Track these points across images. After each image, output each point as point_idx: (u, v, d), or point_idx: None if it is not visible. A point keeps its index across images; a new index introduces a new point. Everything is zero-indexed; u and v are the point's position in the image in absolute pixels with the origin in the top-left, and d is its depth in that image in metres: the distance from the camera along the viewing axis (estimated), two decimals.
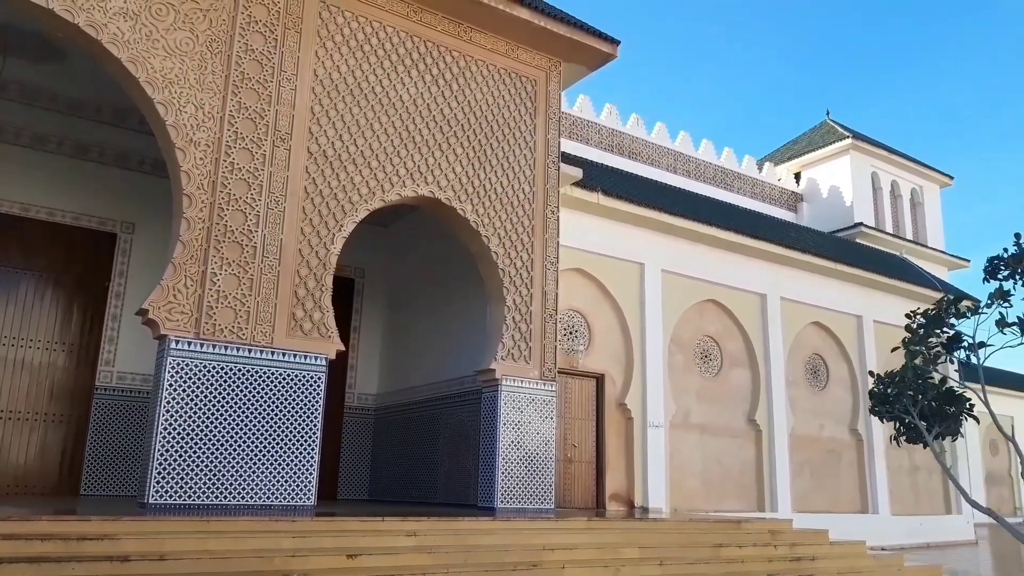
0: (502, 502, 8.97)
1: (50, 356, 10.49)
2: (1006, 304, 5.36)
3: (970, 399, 5.78)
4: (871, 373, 6.02)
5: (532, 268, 9.79)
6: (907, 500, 15.96)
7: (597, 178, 12.82)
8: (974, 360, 5.57)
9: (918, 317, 5.74)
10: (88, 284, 10.83)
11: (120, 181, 10.90)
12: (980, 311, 5.53)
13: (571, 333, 11.80)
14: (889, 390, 5.64)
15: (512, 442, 9.21)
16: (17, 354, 10.27)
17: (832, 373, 15.31)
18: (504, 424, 9.17)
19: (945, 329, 5.63)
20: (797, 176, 20.91)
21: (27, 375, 10.29)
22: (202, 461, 7.29)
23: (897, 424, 5.76)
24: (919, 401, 5.51)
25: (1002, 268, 5.51)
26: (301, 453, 7.79)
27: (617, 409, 12.17)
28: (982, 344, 5.68)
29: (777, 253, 14.40)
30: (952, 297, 5.79)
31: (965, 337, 5.60)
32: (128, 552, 5.50)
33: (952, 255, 21.27)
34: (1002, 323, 5.40)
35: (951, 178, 22.35)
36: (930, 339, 5.67)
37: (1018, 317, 5.36)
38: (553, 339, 9.78)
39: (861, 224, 19.32)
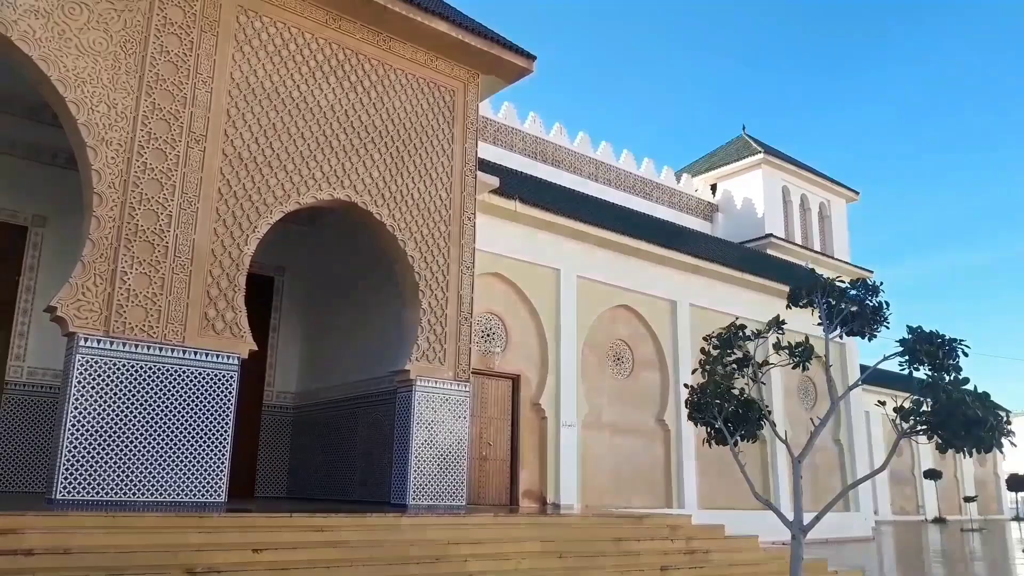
0: (414, 499, 9.25)
1: None
2: (780, 331, 6.22)
3: (766, 407, 6.51)
4: (685, 385, 6.67)
5: (448, 272, 10.09)
6: (806, 497, 16.84)
7: (517, 185, 13.23)
8: (760, 375, 6.42)
9: (713, 340, 6.49)
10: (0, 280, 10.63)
11: (32, 174, 10.73)
12: (761, 335, 6.37)
13: (488, 335, 12.16)
14: (699, 399, 6.30)
15: (425, 441, 9.49)
16: None
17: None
18: (418, 423, 9.45)
19: (733, 351, 6.39)
20: (713, 187, 21.81)
21: None
22: (111, 457, 7.34)
23: (708, 428, 6.44)
24: (724, 408, 6.20)
25: (802, 296, 6.34)
26: (212, 450, 7.90)
27: (532, 409, 12.59)
28: (765, 363, 6.52)
29: (687, 262, 15.10)
30: (739, 323, 6.55)
31: (750, 357, 6.43)
32: (32, 546, 5.58)
33: (856, 266, 22.52)
34: (777, 346, 6.28)
35: (857, 193, 23.65)
36: (725, 358, 6.39)
37: (786, 343, 6.22)
38: (468, 341, 10.10)
39: (771, 235, 20.30)
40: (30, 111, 10.45)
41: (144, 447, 7.51)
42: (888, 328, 6.43)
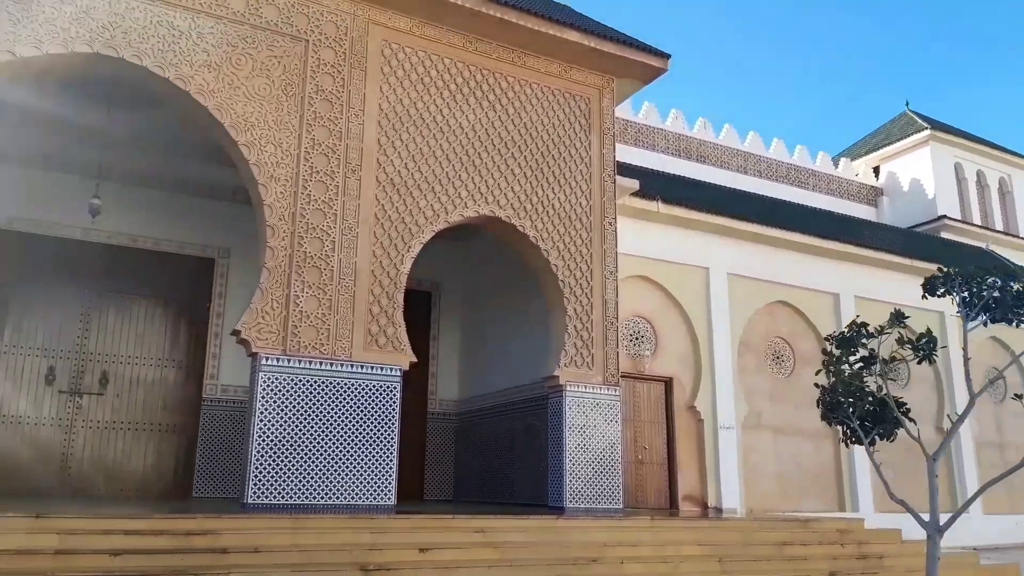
0: (571, 502, 9.44)
1: (162, 372, 11.62)
2: (903, 325, 5.77)
3: (904, 405, 6.06)
4: (816, 384, 6.34)
5: (592, 278, 10.23)
6: (1000, 500, 15.45)
7: (660, 186, 13.14)
8: (888, 372, 6.03)
9: (833, 340, 6.14)
10: (192, 306, 11.93)
11: (215, 211, 11.95)
12: (884, 332, 5.93)
13: (637, 338, 12.16)
14: (830, 399, 6.00)
15: (579, 445, 9.66)
16: (134, 371, 11.43)
17: (914, 372, 15.02)
18: (570, 428, 9.64)
19: (857, 349, 6.03)
20: (876, 170, 20.50)
21: (143, 390, 11.44)
22: (293, 465, 8.08)
23: (843, 428, 6.11)
24: (857, 408, 5.87)
25: (939, 286, 5.87)
26: (381, 456, 8.49)
27: (687, 412, 12.44)
28: (892, 359, 6.07)
29: (849, 252, 14.33)
30: (860, 320, 6.14)
31: (875, 355, 6.03)
32: (227, 546, 6.27)
33: None
34: (901, 341, 5.89)
35: None
36: (850, 358, 6.02)
37: (908, 339, 5.75)
38: (615, 346, 10.18)
39: (945, 217, 18.80)
40: (209, 154, 11.64)
41: (320, 454, 8.20)
42: None
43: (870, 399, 5.89)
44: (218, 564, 6.05)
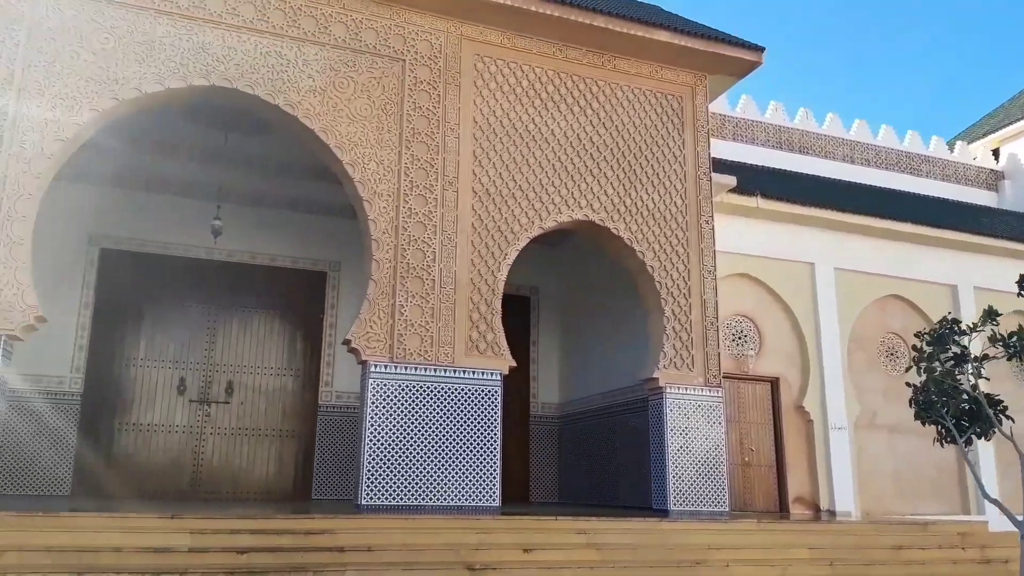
0: (675, 505, 9.42)
1: (281, 381, 12.34)
2: (995, 322, 5.40)
3: (1001, 403, 5.69)
4: (908, 384, 6.05)
5: (689, 278, 10.16)
6: None
7: (760, 180, 12.86)
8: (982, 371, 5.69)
9: (925, 337, 5.82)
10: (307, 317, 12.61)
11: (325, 227, 12.57)
12: (976, 329, 5.57)
13: (739, 338, 11.96)
14: (923, 398, 5.72)
15: (681, 447, 9.62)
16: (256, 380, 12.19)
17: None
18: (671, 430, 9.62)
19: (950, 346, 5.70)
20: (996, 153, 19.24)
21: (264, 398, 12.18)
22: (402, 467, 8.44)
23: (938, 428, 5.81)
24: (950, 407, 5.58)
25: None
26: (484, 459, 8.75)
27: (795, 412, 12.12)
28: (985, 357, 5.70)
29: (967, 241, 13.58)
30: (952, 317, 5.78)
31: (967, 353, 5.69)
32: (343, 544, 6.66)
33: None
34: (992, 339, 5.50)
35: None
36: (940, 356, 5.70)
37: (1000, 335, 5.40)
38: (715, 346, 10.08)
39: None
40: (318, 173, 12.26)
41: (427, 457, 8.53)
42: None
43: (965, 397, 5.67)
44: (335, 561, 6.44)
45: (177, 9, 8.51)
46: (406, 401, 8.58)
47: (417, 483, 8.44)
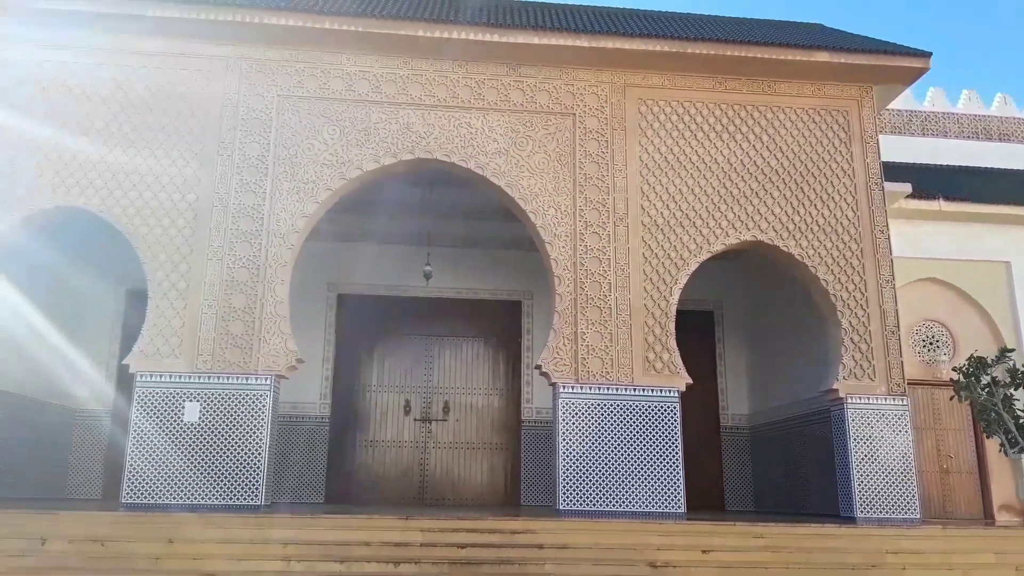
0: (862, 512, 9.65)
1: (489, 399, 13.93)
2: (1006, 361, 5.24)
3: None
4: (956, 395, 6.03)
5: (866, 289, 10.34)
6: None
7: (946, 180, 12.55)
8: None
9: (965, 364, 5.78)
10: (507, 342, 14.14)
11: (517, 261, 14.04)
12: (996, 363, 5.45)
13: (930, 344, 11.78)
14: (985, 419, 5.73)
15: (865, 456, 9.84)
16: (467, 400, 13.88)
17: None
18: (854, 439, 9.86)
19: (990, 371, 5.61)
20: None
21: (475, 415, 13.83)
22: (592, 477, 9.52)
23: (1001, 439, 5.76)
24: (1004, 420, 5.54)
25: None
26: (667, 469, 9.60)
27: None
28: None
29: None
30: (976, 356, 5.67)
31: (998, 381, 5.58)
32: (543, 542, 7.86)
33: None
34: (1012, 372, 5.34)
35: None
36: (983, 380, 5.61)
37: (1017, 368, 5.24)
38: (898, 355, 10.16)
39: None
40: (508, 215, 13.68)
41: (613, 468, 9.54)
42: None
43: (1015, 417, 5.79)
44: (536, 557, 7.66)
45: (386, 98, 10.30)
46: (592, 417, 9.67)
47: (606, 491, 9.47)
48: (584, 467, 9.53)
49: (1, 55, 9.97)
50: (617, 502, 9.46)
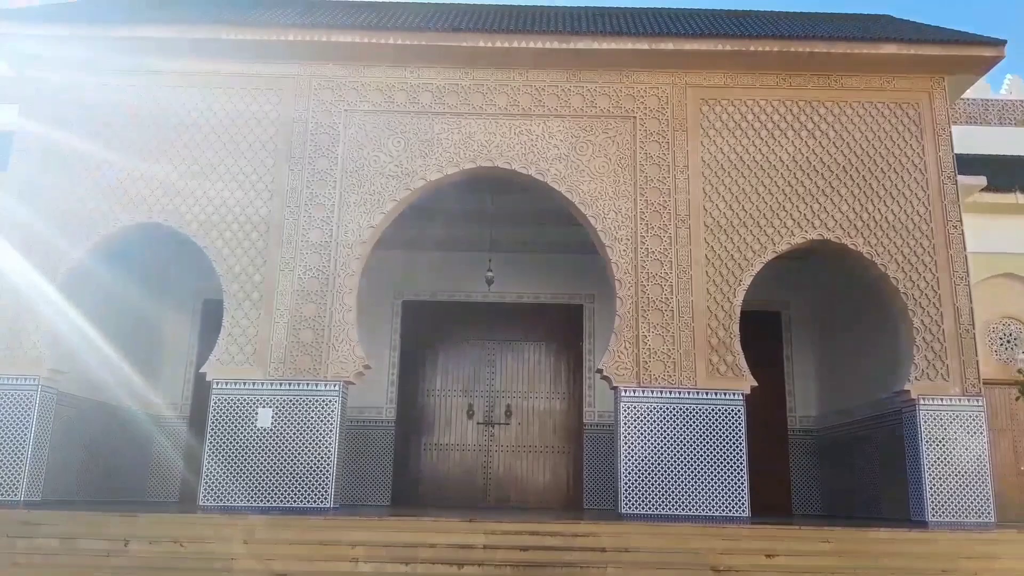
0: (934, 516, 9.37)
1: (551, 403, 14.00)
2: None
3: None
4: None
5: (938, 287, 10.01)
6: None
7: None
8: None
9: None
10: (569, 346, 14.18)
11: (578, 264, 13.99)
12: None
13: (1008, 342, 11.33)
14: None
15: (938, 459, 9.54)
16: (530, 404, 13.98)
17: None
18: (926, 442, 9.58)
19: None
20: None
21: (538, 419, 13.92)
22: (655, 480, 9.50)
23: None
24: None
25: None
26: (731, 472, 9.50)
27: None
28: None
29: None
30: None
31: None
32: (604, 545, 7.87)
33: None
34: None
35: None
36: None
37: None
38: (973, 354, 9.81)
39: None
40: (569, 219, 13.65)
41: (676, 471, 9.49)
42: None
43: None
44: (598, 560, 7.68)
45: (449, 109, 10.49)
46: (654, 421, 9.64)
47: (669, 495, 9.43)
48: (646, 470, 9.51)
49: (93, 80, 10.54)
50: (679, 506, 9.41)
